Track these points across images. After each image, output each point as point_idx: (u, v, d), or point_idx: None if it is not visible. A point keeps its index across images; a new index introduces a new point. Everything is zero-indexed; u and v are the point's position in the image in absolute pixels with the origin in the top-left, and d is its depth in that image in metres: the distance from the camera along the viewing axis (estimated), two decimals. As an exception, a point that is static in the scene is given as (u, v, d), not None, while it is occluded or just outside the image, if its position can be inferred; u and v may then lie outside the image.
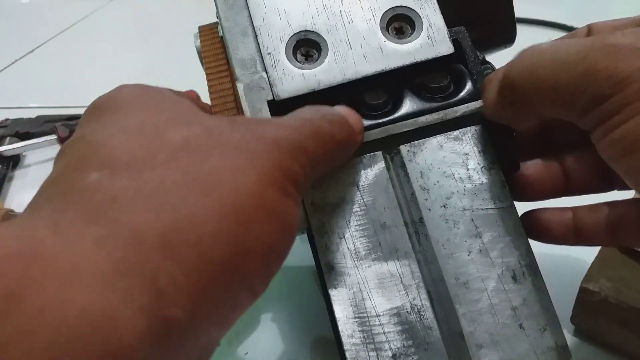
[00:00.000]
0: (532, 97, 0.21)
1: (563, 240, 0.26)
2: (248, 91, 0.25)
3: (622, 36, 0.18)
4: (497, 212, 0.24)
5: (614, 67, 0.17)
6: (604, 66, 0.17)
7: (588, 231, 0.25)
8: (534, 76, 0.20)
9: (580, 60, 0.18)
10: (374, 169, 0.24)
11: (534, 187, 0.26)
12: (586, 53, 0.18)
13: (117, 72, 0.71)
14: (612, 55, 0.17)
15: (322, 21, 0.26)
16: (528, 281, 0.23)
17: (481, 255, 0.23)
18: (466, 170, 0.24)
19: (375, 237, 0.24)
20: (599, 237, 0.25)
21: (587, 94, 0.18)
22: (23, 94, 0.70)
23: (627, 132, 0.17)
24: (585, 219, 0.25)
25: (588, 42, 0.18)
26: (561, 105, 0.20)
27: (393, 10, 0.26)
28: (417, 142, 0.25)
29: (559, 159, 0.26)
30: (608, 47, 0.18)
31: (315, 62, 0.26)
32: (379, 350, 0.22)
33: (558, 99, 0.19)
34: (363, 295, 0.23)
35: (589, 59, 0.18)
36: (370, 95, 0.26)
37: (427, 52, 0.26)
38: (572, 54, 0.19)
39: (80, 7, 0.94)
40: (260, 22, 0.26)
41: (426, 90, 0.26)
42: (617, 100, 0.17)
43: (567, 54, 0.19)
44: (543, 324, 0.23)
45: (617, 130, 0.17)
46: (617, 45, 0.17)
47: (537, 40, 0.27)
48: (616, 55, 0.17)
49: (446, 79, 0.26)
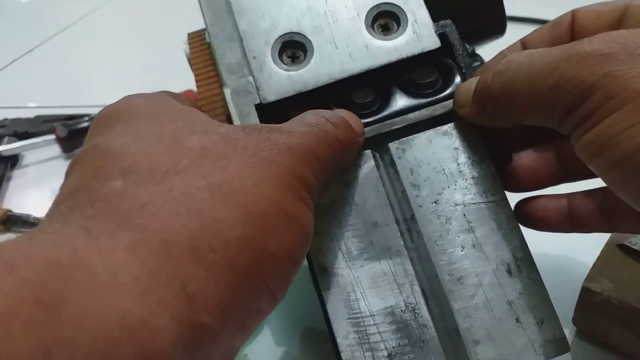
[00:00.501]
0: (512, 109, 0.21)
1: (558, 228, 0.25)
2: (235, 96, 0.25)
3: (589, 43, 0.18)
4: (490, 205, 0.24)
5: (580, 76, 0.18)
6: (572, 76, 0.18)
7: (583, 217, 0.25)
8: (512, 90, 0.21)
9: (551, 72, 0.19)
10: (364, 167, 0.24)
11: (528, 177, 0.26)
12: (556, 64, 0.19)
13: (116, 72, 0.71)
14: (578, 64, 0.18)
15: (306, 22, 0.26)
16: (523, 274, 0.23)
17: (475, 250, 0.23)
18: (457, 165, 0.24)
19: (367, 236, 0.23)
20: (594, 223, 0.25)
21: (561, 103, 0.19)
22: (22, 94, 0.70)
23: (597, 135, 0.18)
24: (580, 206, 0.25)
25: (557, 53, 0.19)
26: (540, 116, 0.20)
27: (378, 7, 0.26)
28: (406, 138, 0.24)
29: (553, 147, 0.26)
30: (573, 56, 0.18)
31: (302, 63, 0.26)
32: (374, 350, 0.22)
33: (536, 110, 0.20)
34: (357, 296, 0.23)
35: (558, 71, 0.18)
36: (358, 94, 0.26)
37: (413, 48, 0.25)
38: (544, 65, 0.19)
39: (79, 6, 0.94)
40: (245, 27, 0.26)
41: (414, 87, 0.26)
42: (587, 106, 0.18)
43: (540, 66, 0.19)
44: (540, 317, 0.22)
45: (588, 134, 0.18)
46: (582, 54, 0.18)
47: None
48: (582, 63, 0.18)
49: (434, 74, 0.26)
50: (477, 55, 0.27)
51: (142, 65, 0.73)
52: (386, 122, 0.25)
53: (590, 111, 0.18)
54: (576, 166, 0.26)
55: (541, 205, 0.25)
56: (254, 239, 0.16)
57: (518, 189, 0.26)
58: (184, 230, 0.15)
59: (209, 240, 0.15)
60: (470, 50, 0.27)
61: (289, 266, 0.18)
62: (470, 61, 0.26)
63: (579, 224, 0.25)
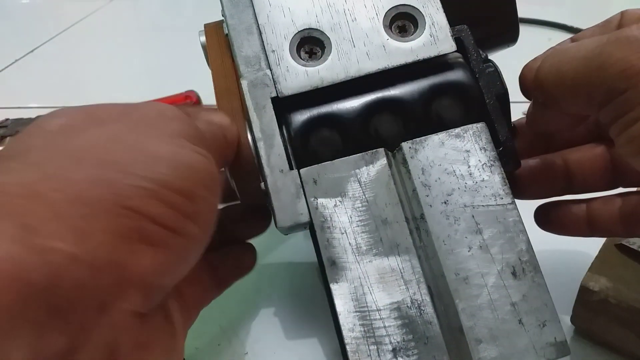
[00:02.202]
0: (557, 95, 0.21)
1: (577, 232, 0.26)
2: (252, 88, 0.26)
3: (637, 28, 0.17)
4: (498, 208, 0.24)
5: (627, 61, 0.17)
6: (617, 59, 0.17)
7: (602, 223, 0.25)
8: (558, 74, 0.20)
9: (596, 54, 0.18)
10: (376, 165, 0.25)
11: (535, 184, 0.26)
12: (602, 47, 0.18)
13: (117, 72, 0.71)
14: (625, 48, 0.17)
15: (325, 19, 0.26)
16: (528, 277, 0.23)
17: (481, 251, 0.23)
18: (467, 168, 0.24)
19: (376, 232, 0.24)
20: (612, 229, 0.25)
21: (602, 87, 0.18)
22: (23, 94, 0.70)
23: None
24: (599, 211, 0.25)
25: (605, 36, 0.18)
26: (582, 100, 0.20)
27: (396, 8, 0.27)
28: (419, 139, 0.25)
29: (562, 157, 0.26)
30: (622, 39, 0.17)
31: (319, 59, 0.26)
32: (379, 344, 0.23)
33: (579, 94, 0.20)
34: (364, 290, 0.23)
35: (604, 53, 0.18)
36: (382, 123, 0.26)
37: (429, 50, 0.26)
38: (590, 49, 0.19)
39: (80, 7, 0.94)
40: (265, 20, 0.26)
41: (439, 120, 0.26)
42: (631, 96, 0.17)
43: (586, 50, 0.19)
44: (542, 320, 0.23)
45: (634, 127, 0.17)
46: (630, 38, 0.17)
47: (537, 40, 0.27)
48: (630, 47, 0.17)
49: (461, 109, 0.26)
50: (490, 61, 0.27)
51: (143, 65, 0.73)
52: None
53: (636, 101, 0.17)
54: (582, 178, 0.26)
55: (561, 210, 0.26)
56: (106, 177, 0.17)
57: (524, 196, 0.27)
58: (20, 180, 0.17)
59: (49, 184, 0.17)
60: (484, 56, 0.28)
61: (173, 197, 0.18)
62: (484, 67, 0.26)
63: (598, 229, 0.25)
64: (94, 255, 0.16)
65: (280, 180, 0.24)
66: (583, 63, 0.19)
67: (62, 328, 0.15)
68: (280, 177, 0.24)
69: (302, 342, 0.32)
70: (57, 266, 0.15)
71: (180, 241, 0.19)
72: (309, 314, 0.34)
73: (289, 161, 0.25)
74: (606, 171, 0.26)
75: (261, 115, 0.25)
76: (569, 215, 0.26)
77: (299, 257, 0.39)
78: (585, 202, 0.26)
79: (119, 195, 0.17)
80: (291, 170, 0.25)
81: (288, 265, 0.38)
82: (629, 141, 0.18)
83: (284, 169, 0.25)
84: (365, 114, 0.26)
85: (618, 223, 0.25)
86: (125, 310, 0.17)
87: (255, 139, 0.25)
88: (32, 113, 0.61)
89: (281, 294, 0.36)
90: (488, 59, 0.28)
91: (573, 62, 0.19)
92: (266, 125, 0.25)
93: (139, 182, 0.18)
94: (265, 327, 0.34)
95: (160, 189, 0.18)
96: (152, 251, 0.18)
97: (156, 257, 0.18)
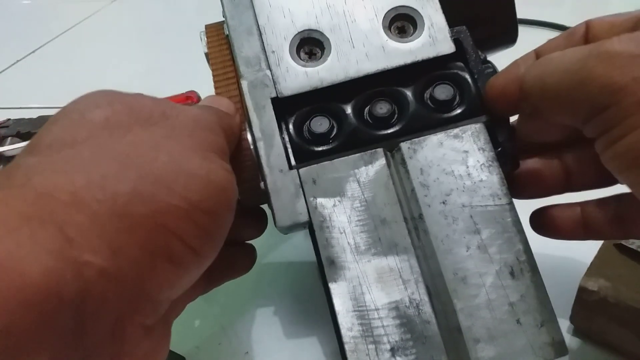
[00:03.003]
0: (542, 106, 0.21)
1: (573, 236, 0.26)
2: (252, 88, 0.26)
3: (618, 42, 0.17)
4: (496, 209, 0.24)
5: (609, 77, 0.17)
6: (599, 74, 0.17)
7: (597, 225, 0.25)
8: (542, 85, 0.20)
9: (579, 68, 0.18)
10: (375, 165, 0.25)
11: (533, 184, 0.26)
12: (585, 61, 0.18)
13: (119, 73, 0.71)
14: (606, 63, 0.17)
15: (325, 20, 0.26)
16: (526, 277, 0.23)
17: (480, 251, 0.24)
18: (466, 168, 0.25)
19: (375, 232, 0.24)
20: (607, 231, 0.25)
21: (586, 103, 0.18)
22: (25, 95, 0.71)
23: (629, 146, 0.17)
24: (594, 214, 0.25)
25: (586, 50, 0.18)
26: (566, 113, 0.20)
27: (395, 9, 0.27)
28: (418, 139, 0.25)
29: (559, 156, 0.27)
30: (603, 54, 0.17)
31: (318, 60, 0.26)
32: (377, 343, 0.23)
33: (563, 106, 0.20)
34: (362, 289, 0.23)
35: (586, 68, 0.18)
36: (377, 106, 0.26)
37: (428, 51, 0.26)
38: (573, 62, 0.19)
39: (82, 7, 0.95)
40: (265, 21, 0.27)
41: (432, 102, 0.26)
42: (615, 112, 0.17)
43: (569, 62, 0.19)
44: (540, 320, 0.23)
45: (619, 144, 0.17)
46: (612, 53, 0.17)
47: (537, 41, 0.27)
48: (611, 63, 0.17)
49: (452, 91, 0.26)
50: (489, 62, 0.28)
51: (145, 66, 0.74)
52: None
53: (619, 117, 0.17)
54: (580, 177, 0.26)
55: (555, 214, 0.26)
56: (148, 193, 0.17)
57: (523, 196, 0.27)
58: (67, 185, 0.16)
59: (94, 193, 0.16)
60: (483, 57, 0.28)
61: (201, 217, 0.19)
62: (482, 67, 0.27)
63: (593, 231, 0.25)
64: (122, 270, 0.16)
65: (280, 180, 0.25)
66: (566, 77, 0.19)
67: (79, 343, 0.15)
68: (279, 177, 0.25)
69: (302, 342, 0.32)
70: (88, 280, 0.15)
71: (197, 260, 0.19)
72: (308, 313, 0.34)
73: (288, 161, 0.25)
74: (604, 168, 0.26)
75: (261, 115, 0.25)
76: (564, 218, 0.26)
77: (300, 257, 0.39)
78: (580, 205, 0.26)
79: (157, 212, 0.17)
80: (291, 170, 0.25)
81: (288, 265, 0.38)
82: (613, 158, 0.18)
83: (283, 168, 0.25)
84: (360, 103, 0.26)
85: (613, 225, 0.25)
86: (137, 324, 0.17)
87: (255, 139, 0.25)
88: (34, 113, 0.61)
89: (281, 294, 0.36)
90: (487, 60, 0.28)
91: (555, 74, 0.19)
92: (266, 125, 0.25)
93: (177, 202, 0.18)
94: (265, 326, 0.34)
95: (193, 209, 0.18)
96: (172, 268, 0.18)
97: (173, 274, 0.18)
